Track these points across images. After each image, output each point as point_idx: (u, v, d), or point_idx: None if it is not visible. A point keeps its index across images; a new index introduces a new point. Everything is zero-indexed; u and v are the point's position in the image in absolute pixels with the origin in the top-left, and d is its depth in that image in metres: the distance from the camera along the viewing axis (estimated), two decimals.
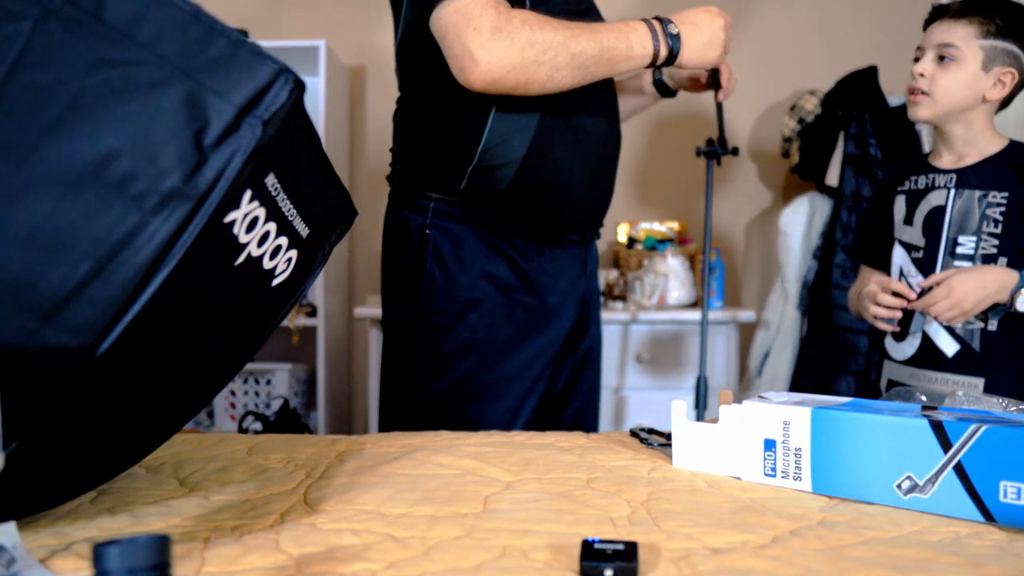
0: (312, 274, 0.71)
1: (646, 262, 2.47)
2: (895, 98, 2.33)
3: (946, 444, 0.65)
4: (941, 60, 1.32)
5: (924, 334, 1.36)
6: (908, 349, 1.39)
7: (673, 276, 2.38)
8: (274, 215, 0.60)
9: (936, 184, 1.37)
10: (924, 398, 0.80)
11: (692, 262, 2.51)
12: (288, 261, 0.64)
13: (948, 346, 1.33)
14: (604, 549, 0.52)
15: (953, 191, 1.34)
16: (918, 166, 1.43)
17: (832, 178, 2.36)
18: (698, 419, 1.61)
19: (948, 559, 0.55)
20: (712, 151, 1.60)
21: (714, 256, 2.43)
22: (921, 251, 1.36)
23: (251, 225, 0.57)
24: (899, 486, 0.67)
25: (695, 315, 2.24)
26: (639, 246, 2.63)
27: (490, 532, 0.60)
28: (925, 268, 1.35)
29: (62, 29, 0.52)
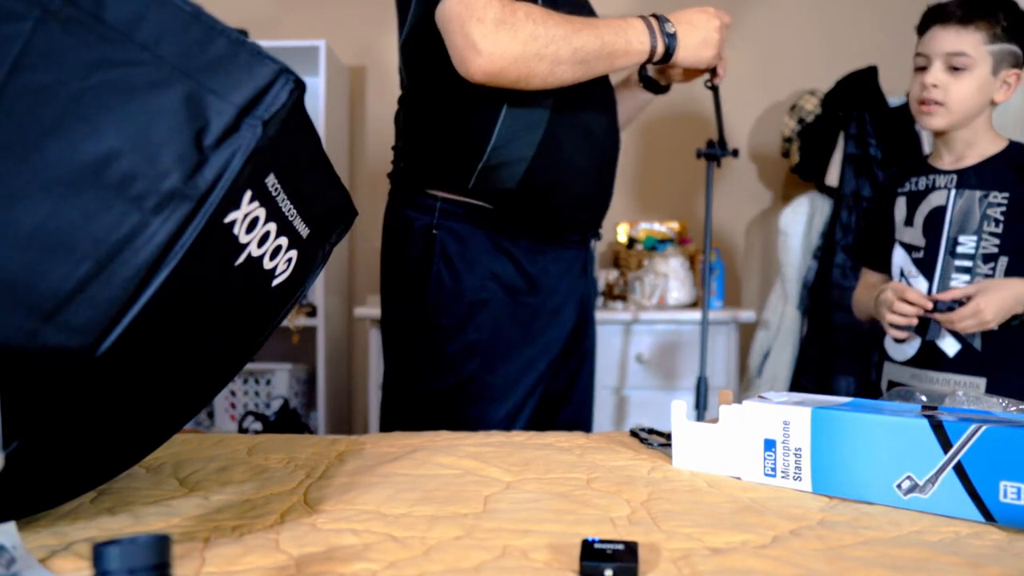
0: (312, 274, 0.71)
1: (646, 262, 2.47)
2: (895, 98, 2.33)
3: (946, 444, 0.65)
4: (952, 69, 1.31)
5: (919, 328, 1.36)
6: (909, 350, 1.38)
7: (673, 276, 2.38)
8: (274, 215, 0.60)
9: (937, 185, 1.37)
10: (924, 398, 0.80)
11: (692, 262, 2.51)
12: (288, 261, 0.64)
13: (949, 346, 1.33)
14: (604, 549, 0.52)
15: (954, 191, 1.34)
16: (918, 167, 1.43)
17: (832, 178, 2.37)
18: (698, 419, 1.62)
19: (948, 559, 0.55)
20: (712, 153, 1.60)
21: (714, 256, 2.43)
22: (921, 251, 1.36)
23: (251, 225, 0.57)
24: (899, 486, 0.67)
25: (695, 315, 2.24)
26: (639, 246, 2.63)
27: (490, 532, 0.60)
28: (925, 268, 1.35)
29: (62, 29, 0.51)
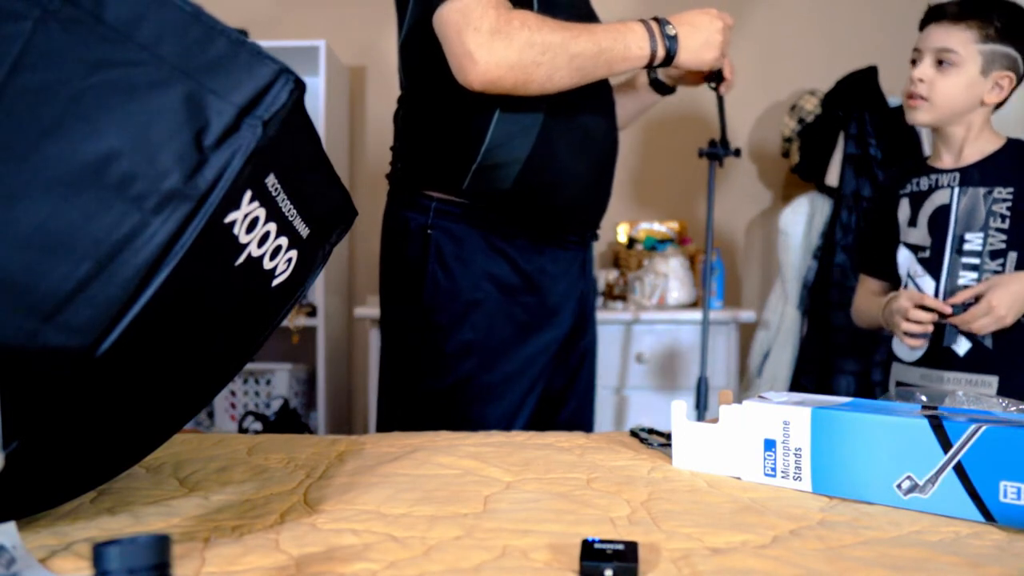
0: (312, 274, 0.71)
1: (646, 262, 2.47)
2: (895, 98, 2.33)
3: (946, 444, 0.65)
4: (940, 64, 1.32)
5: (934, 333, 1.34)
6: (918, 350, 1.37)
7: (673, 276, 2.38)
8: (274, 215, 0.60)
9: (939, 184, 1.37)
10: (924, 398, 0.80)
11: (692, 262, 2.51)
12: (288, 261, 0.64)
13: (960, 345, 1.32)
14: (604, 549, 0.52)
15: (957, 189, 1.34)
16: (919, 168, 1.43)
17: (832, 178, 2.36)
18: (698, 419, 1.61)
19: (948, 559, 0.55)
20: (714, 152, 1.60)
21: (714, 256, 2.43)
22: (928, 251, 1.36)
23: (251, 225, 0.57)
24: (899, 486, 0.67)
25: (695, 315, 2.24)
26: (639, 246, 2.63)
27: (490, 532, 0.60)
28: (932, 267, 1.35)
29: (62, 29, 0.51)
